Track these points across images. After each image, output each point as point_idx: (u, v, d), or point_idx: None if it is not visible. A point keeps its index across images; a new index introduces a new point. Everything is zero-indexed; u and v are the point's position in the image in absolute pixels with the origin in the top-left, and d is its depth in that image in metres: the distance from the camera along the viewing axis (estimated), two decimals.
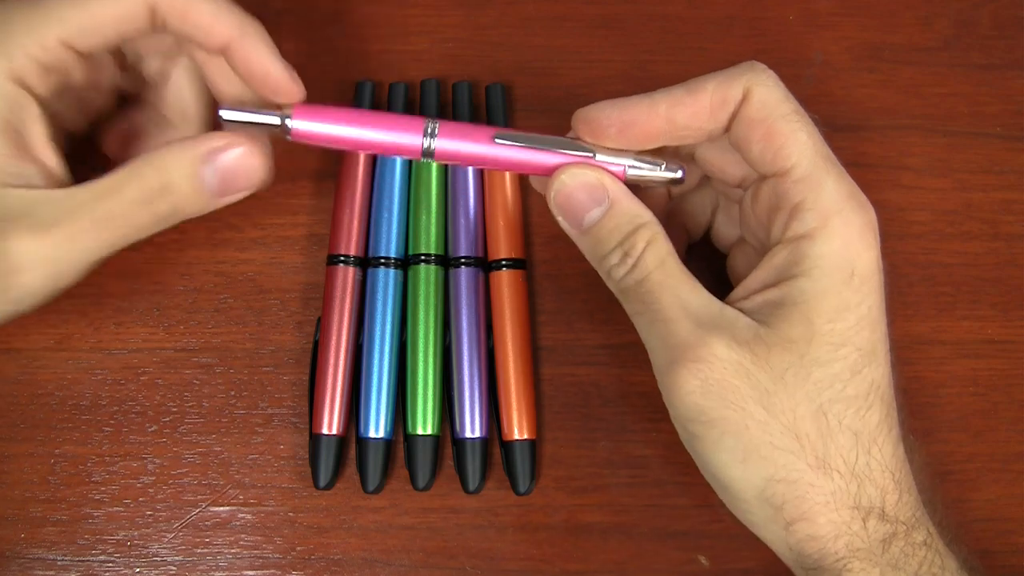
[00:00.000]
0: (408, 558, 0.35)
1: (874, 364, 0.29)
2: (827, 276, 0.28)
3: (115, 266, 0.37)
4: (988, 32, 0.41)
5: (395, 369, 0.35)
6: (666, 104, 0.30)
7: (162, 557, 0.35)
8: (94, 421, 0.36)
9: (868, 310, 0.29)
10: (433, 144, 0.31)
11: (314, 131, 0.31)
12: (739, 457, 0.28)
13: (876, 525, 0.28)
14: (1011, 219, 0.39)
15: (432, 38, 0.40)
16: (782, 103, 0.29)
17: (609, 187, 0.31)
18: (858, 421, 0.28)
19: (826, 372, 0.28)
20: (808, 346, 0.28)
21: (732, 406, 0.28)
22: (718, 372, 0.28)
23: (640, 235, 0.30)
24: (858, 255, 0.29)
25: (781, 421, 0.28)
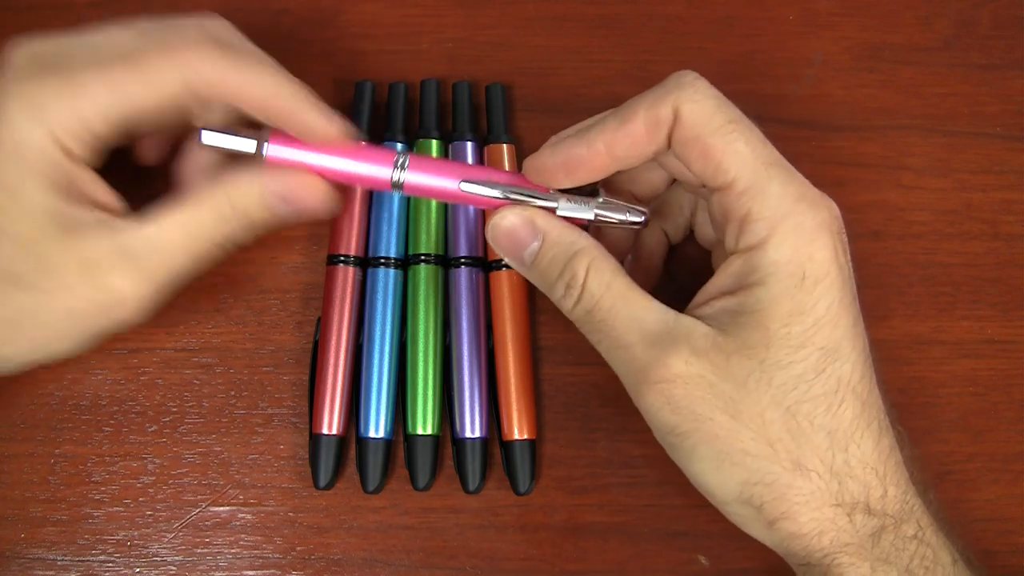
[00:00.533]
0: (408, 558, 0.35)
1: (839, 361, 0.29)
2: (779, 283, 0.28)
3: None
4: (988, 32, 0.41)
5: (395, 369, 0.35)
6: (602, 140, 0.30)
7: (162, 557, 0.35)
8: (94, 421, 0.36)
9: (826, 309, 0.28)
10: (402, 177, 0.32)
11: (288, 158, 0.32)
12: (713, 465, 0.29)
13: (863, 519, 0.28)
14: (1011, 219, 0.39)
15: (432, 38, 0.40)
16: (714, 115, 0.29)
17: (539, 222, 0.31)
18: (830, 419, 0.28)
19: (788, 374, 0.28)
20: (767, 351, 0.28)
21: (700, 418, 0.28)
22: (680, 388, 0.28)
23: (579, 263, 0.30)
24: (809, 258, 0.28)
25: (750, 427, 0.28)
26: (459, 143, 0.38)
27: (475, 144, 0.38)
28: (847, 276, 0.29)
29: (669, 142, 0.30)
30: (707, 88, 0.30)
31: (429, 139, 0.37)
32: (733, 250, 0.30)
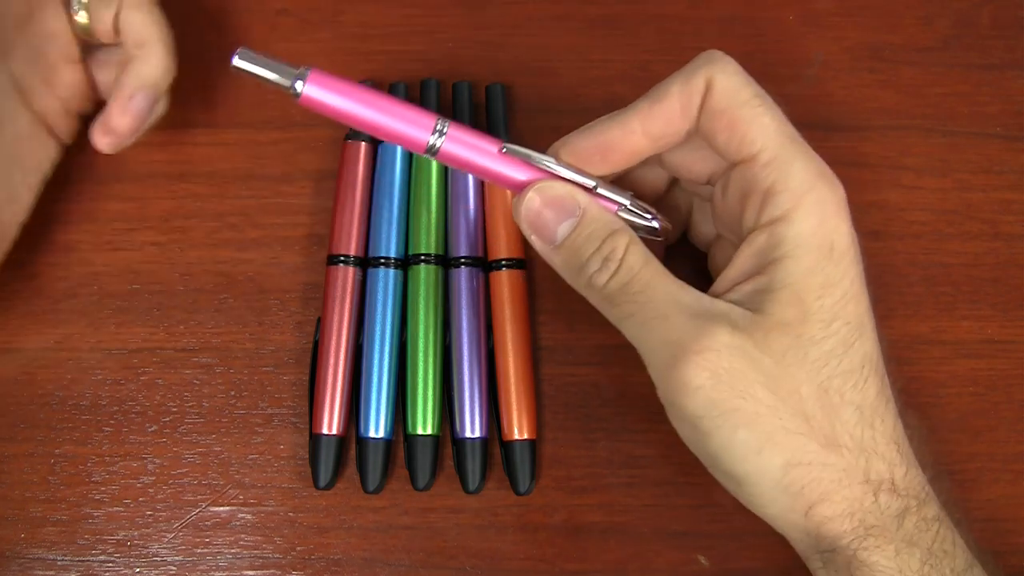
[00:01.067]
0: (408, 558, 0.35)
1: (864, 336, 0.29)
2: (809, 254, 0.28)
3: (115, 266, 0.38)
4: (988, 32, 0.41)
5: (395, 369, 0.35)
6: (638, 121, 0.30)
7: (162, 557, 0.35)
8: (94, 421, 0.36)
9: (851, 283, 0.29)
10: (439, 143, 0.30)
11: (324, 101, 0.30)
12: (755, 448, 0.28)
13: (888, 500, 0.28)
14: (1011, 219, 0.39)
15: (432, 38, 0.40)
16: (743, 89, 0.30)
17: (579, 198, 0.30)
18: (858, 395, 0.29)
19: (821, 349, 0.28)
20: (803, 326, 0.28)
21: (743, 395, 0.28)
22: (726, 360, 0.28)
23: (618, 239, 0.30)
24: (835, 229, 0.29)
25: (789, 404, 0.28)
26: None
27: None
28: (860, 259, 0.30)
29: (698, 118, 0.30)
30: (737, 65, 0.30)
31: None
32: (754, 226, 0.29)
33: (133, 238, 0.38)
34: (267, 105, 0.39)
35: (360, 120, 0.30)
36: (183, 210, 0.38)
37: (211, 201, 0.38)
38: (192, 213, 0.38)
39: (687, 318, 0.28)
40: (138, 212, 0.38)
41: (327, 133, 0.39)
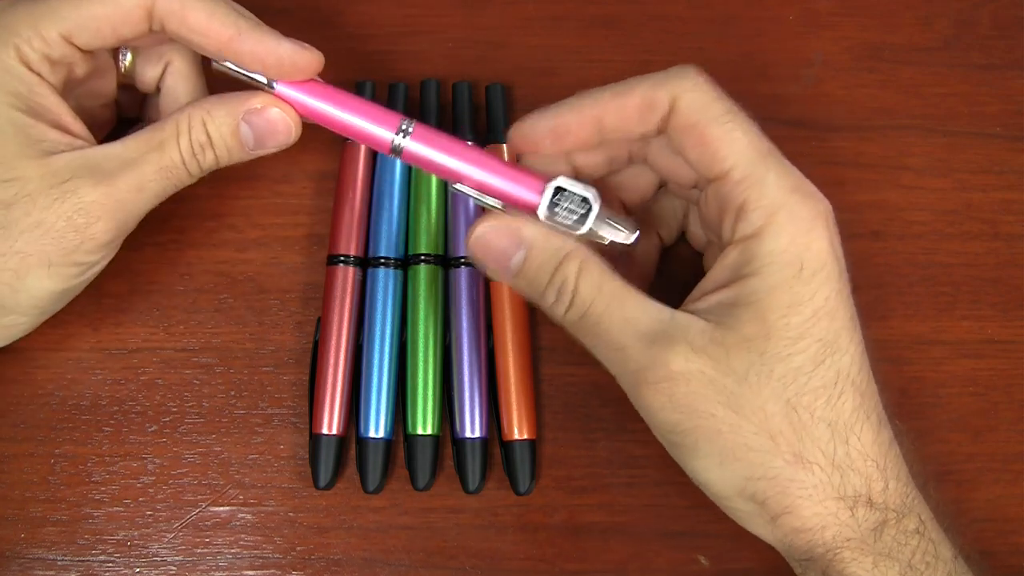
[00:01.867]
0: (408, 558, 0.35)
1: (838, 353, 0.28)
2: (776, 273, 0.28)
3: (115, 266, 0.37)
4: (988, 32, 0.41)
5: (395, 369, 0.35)
6: (594, 110, 0.30)
7: (162, 557, 0.35)
8: (94, 421, 0.36)
9: (824, 301, 0.28)
10: (403, 143, 0.31)
11: (295, 99, 0.32)
12: (716, 461, 0.29)
13: (865, 513, 0.28)
14: (1011, 219, 0.39)
15: (432, 38, 0.40)
16: (711, 105, 0.29)
17: (524, 229, 0.30)
18: (830, 411, 0.28)
19: (787, 366, 0.28)
20: (766, 343, 0.28)
21: (702, 415, 0.28)
22: (681, 386, 0.28)
23: (568, 268, 0.29)
24: (806, 248, 0.28)
25: (752, 421, 0.28)
26: None
27: (475, 144, 0.38)
28: (843, 269, 0.29)
29: (660, 129, 0.30)
30: (707, 82, 0.30)
31: None
32: (729, 240, 0.29)
33: (133, 238, 0.38)
34: None
35: (327, 119, 0.32)
36: (183, 210, 0.38)
37: (211, 201, 0.38)
38: (192, 213, 0.38)
39: (643, 347, 0.29)
40: None
41: (327, 133, 0.39)
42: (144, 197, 0.32)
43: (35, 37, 0.30)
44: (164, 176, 0.32)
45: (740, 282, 0.29)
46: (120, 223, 0.32)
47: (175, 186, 0.33)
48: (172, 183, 0.32)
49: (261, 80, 0.32)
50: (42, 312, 0.33)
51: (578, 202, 0.30)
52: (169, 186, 0.32)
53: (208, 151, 0.32)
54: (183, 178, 0.33)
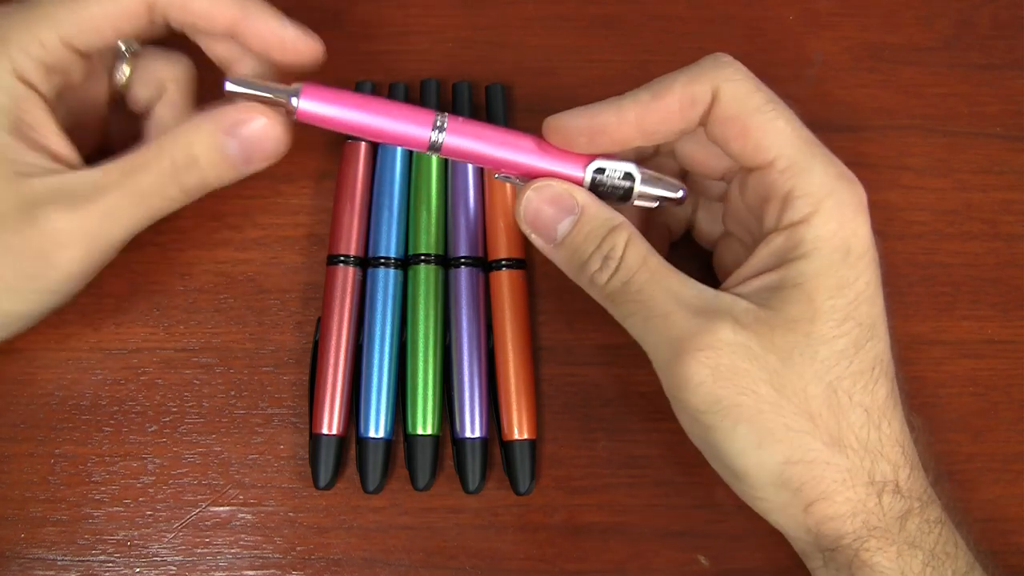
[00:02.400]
0: (408, 558, 0.35)
1: (876, 338, 0.29)
2: (826, 256, 0.28)
3: (115, 266, 0.37)
4: (988, 32, 0.41)
5: (395, 369, 0.35)
6: (634, 112, 0.30)
7: (162, 557, 0.35)
8: (94, 421, 0.36)
9: (866, 285, 0.29)
10: (441, 138, 0.30)
11: (320, 113, 0.30)
12: (754, 443, 0.28)
13: (891, 501, 0.28)
14: (1011, 219, 0.39)
15: (432, 38, 0.40)
16: (753, 95, 0.29)
17: (577, 195, 0.30)
18: (867, 396, 0.28)
19: (832, 349, 0.28)
20: (812, 324, 0.28)
21: (745, 391, 0.28)
22: (727, 357, 0.28)
23: (617, 236, 0.30)
24: (853, 233, 0.29)
25: (794, 402, 0.28)
26: None
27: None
28: (878, 264, 0.30)
29: (703, 122, 0.30)
30: (744, 69, 0.30)
31: None
32: (773, 228, 0.29)
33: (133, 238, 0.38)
34: None
35: (359, 127, 0.31)
36: (183, 210, 0.38)
37: (211, 201, 0.38)
38: (192, 213, 0.38)
39: (689, 315, 0.28)
40: None
41: (327, 133, 0.39)
42: (117, 226, 0.31)
43: (32, 44, 0.30)
44: (138, 203, 0.31)
45: (787, 266, 0.29)
46: (89, 253, 0.31)
47: (154, 213, 0.31)
48: (149, 210, 0.31)
49: (280, 94, 0.30)
50: (6, 329, 0.33)
51: (621, 175, 0.31)
52: (146, 213, 0.31)
53: (192, 170, 0.31)
54: (163, 204, 0.31)
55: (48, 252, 0.30)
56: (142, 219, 0.31)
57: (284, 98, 0.30)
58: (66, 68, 0.31)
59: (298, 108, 0.30)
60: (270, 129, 0.31)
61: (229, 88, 0.30)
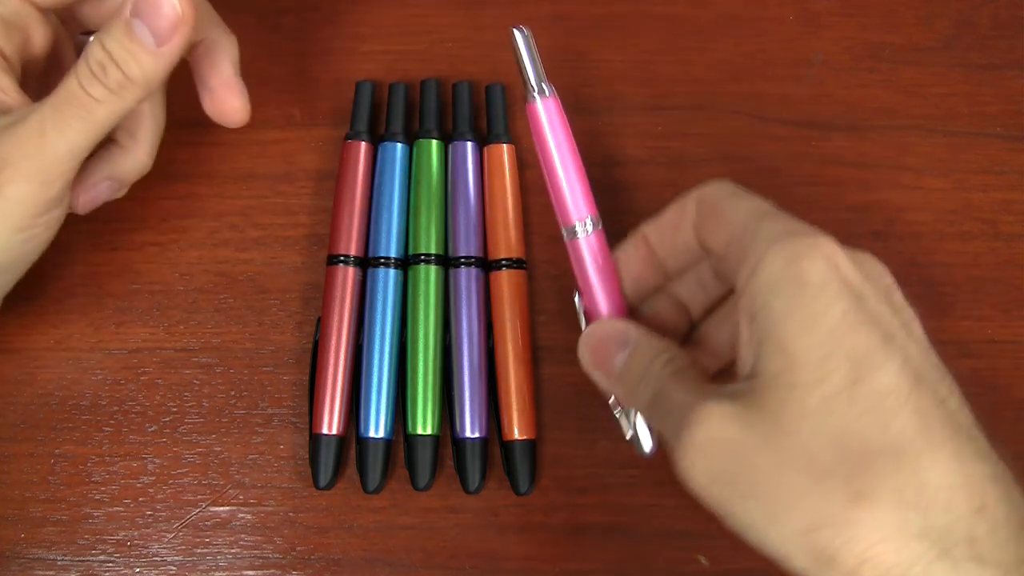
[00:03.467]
0: (408, 558, 0.35)
1: (877, 371, 0.25)
2: (781, 297, 0.26)
3: (115, 266, 0.38)
4: (988, 32, 0.41)
5: (395, 369, 0.35)
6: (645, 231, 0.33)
7: (162, 557, 0.35)
8: (94, 421, 0.36)
9: (842, 315, 0.26)
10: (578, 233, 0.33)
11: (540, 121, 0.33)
12: (766, 517, 0.26)
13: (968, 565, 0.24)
14: (1011, 219, 0.39)
15: (432, 38, 0.40)
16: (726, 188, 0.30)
17: (632, 330, 0.31)
18: (884, 436, 0.25)
19: (822, 393, 0.25)
20: (791, 373, 0.26)
21: (743, 463, 0.26)
22: (718, 431, 0.26)
23: (659, 359, 0.30)
24: (807, 266, 0.26)
25: (798, 464, 0.25)
26: (459, 143, 0.38)
27: (475, 144, 0.38)
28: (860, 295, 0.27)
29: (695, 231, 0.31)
30: (726, 181, 0.31)
31: (429, 139, 0.37)
32: (740, 296, 0.28)
33: (133, 238, 0.38)
34: (267, 104, 0.39)
35: (549, 160, 0.33)
36: (183, 210, 0.38)
37: (211, 201, 0.38)
38: (192, 213, 0.38)
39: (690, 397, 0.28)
40: (138, 212, 0.38)
41: (327, 133, 0.39)
42: (48, 140, 0.29)
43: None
44: (65, 111, 0.29)
45: (753, 324, 0.27)
46: (32, 173, 0.29)
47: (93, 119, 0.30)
48: (83, 116, 0.29)
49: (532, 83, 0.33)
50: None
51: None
52: (81, 120, 0.29)
53: (110, 67, 0.29)
54: (96, 107, 0.29)
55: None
56: (80, 129, 0.30)
57: (535, 89, 0.33)
58: (26, 25, 0.31)
59: (534, 103, 0.33)
60: (175, 5, 0.29)
61: (516, 36, 0.33)
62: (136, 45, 0.29)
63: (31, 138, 0.29)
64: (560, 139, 0.33)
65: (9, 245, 0.31)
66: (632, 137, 0.39)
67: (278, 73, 0.40)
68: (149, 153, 0.35)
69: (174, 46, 0.30)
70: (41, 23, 0.32)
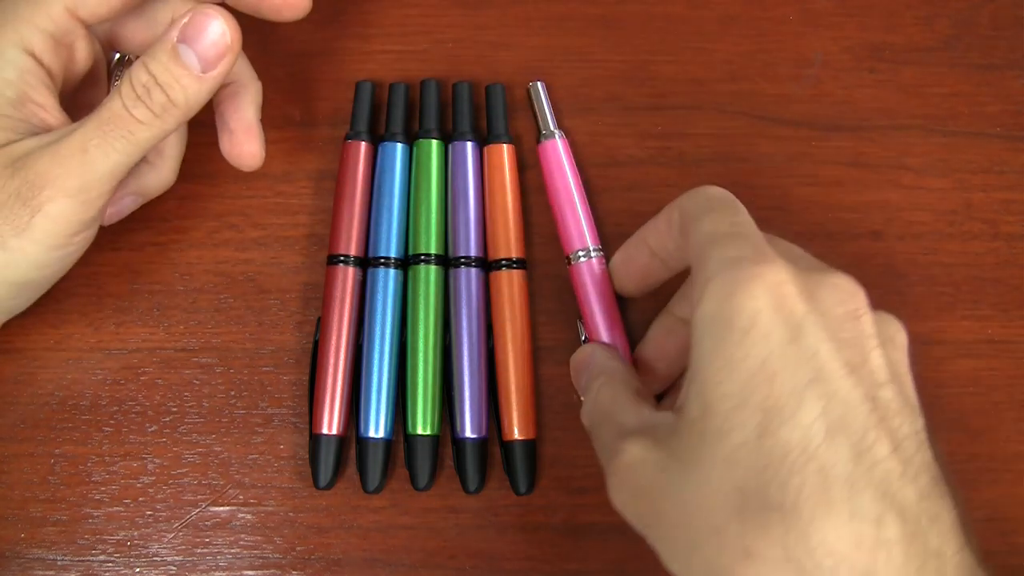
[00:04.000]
0: (408, 558, 0.35)
1: (786, 424, 0.24)
2: (705, 340, 0.26)
3: (115, 266, 0.38)
4: (988, 32, 0.41)
5: (395, 369, 0.35)
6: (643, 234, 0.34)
7: (162, 557, 0.35)
8: (94, 421, 0.36)
9: (761, 363, 0.25)
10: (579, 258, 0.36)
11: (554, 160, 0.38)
12: (671, 556, 0.26)
13: None
14: (1011, 219, 0.39)
15: (432, 38, 0.40)
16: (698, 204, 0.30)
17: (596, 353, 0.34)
18: (781, 494, 0.24)
19: (730, 444, 0.25)
20: (705, 420, 0.25)
21: (655, 509, 0.27)
22: (632, 477, 0.27)
23: (599, 379, 0.32)
24: (736, 309, 0.26)
25: (699, 515, 0.25)
26: (459, 143, 0.38)
27: (475, 144, 0.38)
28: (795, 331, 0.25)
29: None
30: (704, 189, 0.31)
31: (429, 139, 0.37)
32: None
33: (133, 238, 0.38)
34: (267, 104, 0.39)
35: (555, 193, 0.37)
36: (183, 210, 0.38)
37: (211, 201, 0.38)
38: (192, 213, 0.38)
39: (615, 437, 0.29)
40: (138, 212, 0.38)
41: (327, 133, 0.39)
42: (91, 158, 0.29)
43: (41, 16, 0.30)
44: (107, 131, 0.29)
45: (690, 360, 0.27)
46: (70, 192, 0.29)
47: (129, 144, 0.30)
48: (124, 137, 0.30)
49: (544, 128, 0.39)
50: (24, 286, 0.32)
51: None
52: (122, 142, 0.30)
53: (155, 90, 0.29)
54: (138, 129, 0.30)
55: (27, 198, 0.29)
56: (121, 149, 0.30)
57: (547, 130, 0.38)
58: (71, 41, 0.31)
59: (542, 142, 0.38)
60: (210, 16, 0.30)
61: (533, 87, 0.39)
62: (181, 70, 0.30)
63: (73, 156, 0.29)
64: (565, 175, 0.37)
65: (46, 262, 0.31)
66: (632, 137, 0.39)
67: (278, 73, 0.40)
68: (174, 169, 0.36)
69: (219, 72, 0.30)
70: (86, 40, 0.32)
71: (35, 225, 0.29)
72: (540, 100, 0.38)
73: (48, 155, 0.29)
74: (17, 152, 0.30)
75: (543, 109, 0.38)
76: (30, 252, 0.30)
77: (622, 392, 0.31)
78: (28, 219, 0.29)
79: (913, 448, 0.25)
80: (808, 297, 0.26)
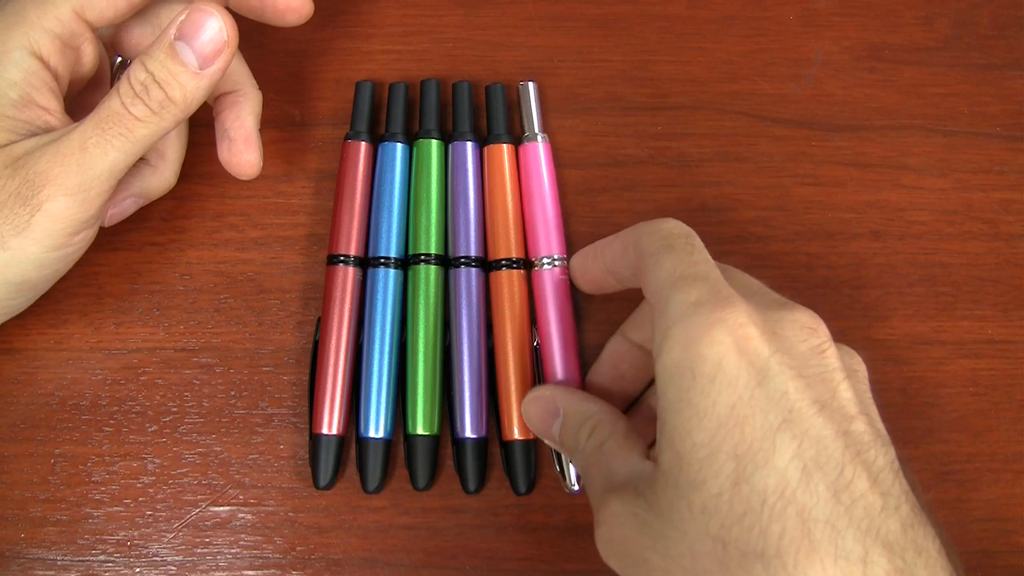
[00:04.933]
0: (408, 558, 0.35)
1: (760, 470, 0.24)
2: (672, 389, 0.26)
3: (115, 266, 0.38)
4: (988, 32, 0.41)
5: (395, 369, 0.35)
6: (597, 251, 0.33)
7: (162, 557, 0.35)
8: (94, 421, 0.36)
9: (730, 409, 0.25)
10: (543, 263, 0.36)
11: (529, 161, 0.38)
12: None
13: None
14: (1011, 219, 0.39)
15: (432, 38, 0.40)
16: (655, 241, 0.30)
17: (560, 398, 0.33)
18: (762, 540, 0.24)
19: (706, 494, 0.25)
20: (679, 472, 0.25)
21: (637, 562, 0.27)
22: (617, 529, 0.27)
23: (584, 428, 0.31)
24: (699, 356, 0.25)
25: (681, 566, 0.25)
26: (459, 143, 0.38)
27: (475, 144, 0.38)
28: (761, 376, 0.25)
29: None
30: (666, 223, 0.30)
31: (429, 139, 0.37)
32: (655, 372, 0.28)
33: (133, 238, 0.38)
34: (267, 105, 0.39)
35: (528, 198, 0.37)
36: (183, 210, 0.38)
37: (211, 201, 0.38)
38: (192, 213, 0.38)
39: (601, 490, 0.29)
40: (138, 212, 0.38)
41: (327, 133, 0.39)
42: (90, 157, 0.29)
43: (49, 18, 0.30)
44: (106, 129, 0.29)
45: (659, 410, 0.27)
46: (69, 191, 0.29)
47: (128, 142, 0.30)
48: (120, 137, 0.30)
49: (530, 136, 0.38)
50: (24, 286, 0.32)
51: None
52: (117, 141, 0.30)
53: (153, 87, 0.29)
54: (134, 128, 0.30)
55: (27, 197, 0.29)
56: (120, 147, 0.30)
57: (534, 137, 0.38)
58: (78, 44, 0.32)
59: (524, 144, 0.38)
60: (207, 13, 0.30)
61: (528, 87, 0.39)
62: (179, 67, 0.30)
63: (72, 154, 0.29)
64: (541, 180, 0.37)
65: (46, 262, 0.31)
66: (632, 137, 0.39)
67: (278, 73, 0.40)
68: (175, 171, 0.36)
69: (217, 69, 0.30)
70: (92, 44, 0.32)
71: (35, 224, 0.29)
72: (528, 101, 0.38)
73: (47, 154, 0.29)
74: (17, 152, 0.30)
75: (530, 110, 0.38)
76: (30, 252, 0.30)
77: (614, 443, 0.30)
78: (28, 218, 0.29)
79: (891, 479, 0.25)
80: (771, 337, 0.26)
